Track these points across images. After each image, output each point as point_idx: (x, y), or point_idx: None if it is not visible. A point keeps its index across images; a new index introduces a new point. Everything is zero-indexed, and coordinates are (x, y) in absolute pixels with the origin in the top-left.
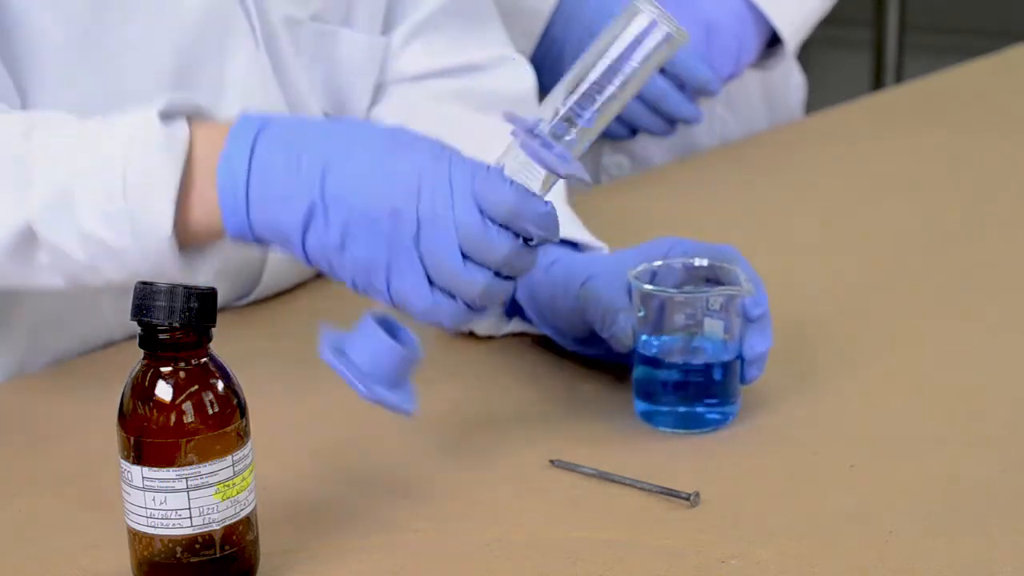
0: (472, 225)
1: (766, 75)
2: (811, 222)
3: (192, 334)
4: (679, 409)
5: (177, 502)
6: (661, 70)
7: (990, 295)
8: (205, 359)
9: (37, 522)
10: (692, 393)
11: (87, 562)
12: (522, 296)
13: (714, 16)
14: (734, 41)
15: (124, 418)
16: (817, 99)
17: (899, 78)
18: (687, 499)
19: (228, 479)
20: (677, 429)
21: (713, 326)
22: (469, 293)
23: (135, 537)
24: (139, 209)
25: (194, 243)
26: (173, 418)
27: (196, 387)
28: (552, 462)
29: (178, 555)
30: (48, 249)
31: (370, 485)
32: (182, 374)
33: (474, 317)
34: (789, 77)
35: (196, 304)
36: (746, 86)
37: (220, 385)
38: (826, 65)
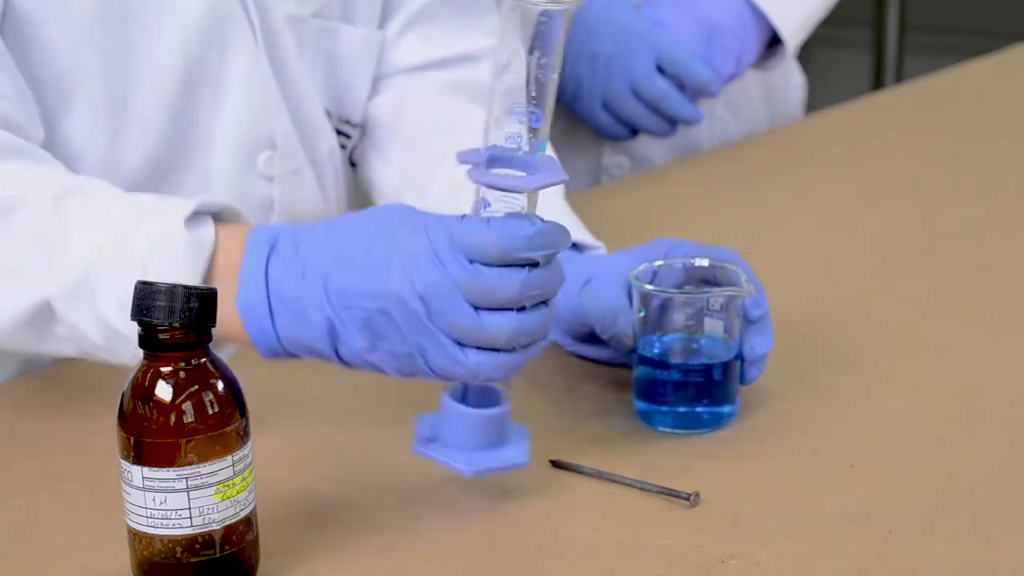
0: (469, 279)
1: (766, 75)
2: (811, 222)
3: (192, 334)
4: (679, 409)
5: (177, 502)
6: (661, 71)
7: (990, 295)
8: (205, 359)
9: (37, 522)
10: (692, 393)
11: (87, 562)
12: None
13: (715, 17)
14: (735, 42)
15: (124, 418)
16: (817, 99)
17: (899, 78)
18: (687, 499)
19: (228, 479)
20: (677, 429)
21: (713, 326)
22: (499, 341)
23: (135, 537)
24: None
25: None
26: (173, 418)
27: (196, 387)
28: (552, 462)
29: (178, 555)
30: (66, 325)
31: (370, 485)
32: (182, 374)
33: (523, 359)
34: (789, 77)
35: (196, 304)
36: (747, 86)
37: (220, 385)
38: (826, 65)
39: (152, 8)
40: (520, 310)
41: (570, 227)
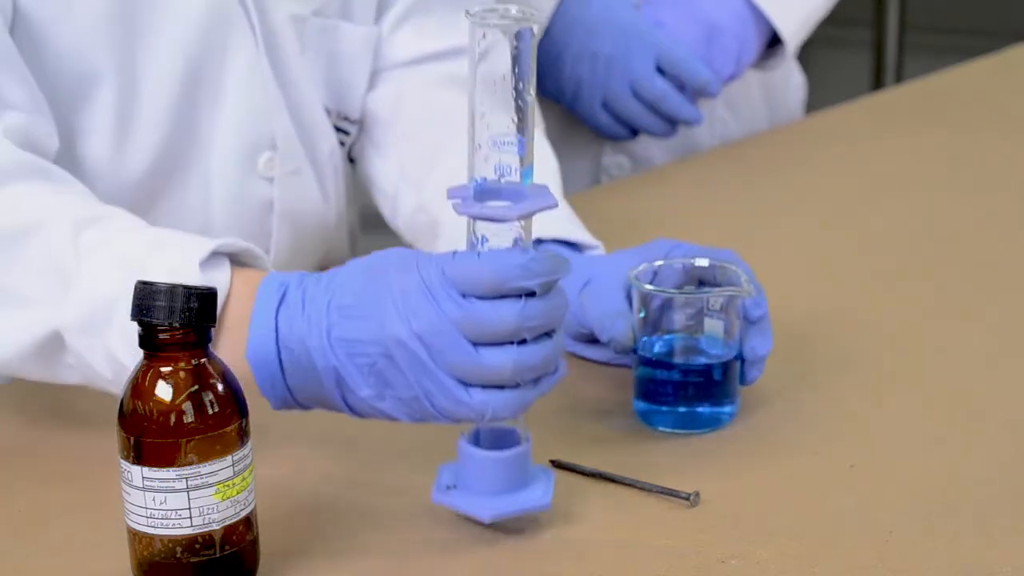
0: (464, 315)
1: (767, 75)
2: (811, 222)
3: (192, 334)
4: (679, 409)
5: (177, 502)
6: (661, 71)
7: (990, 295)
8: (205, 359)
9: (37, 522)
10: (692, 393)
11: (87, 562)
12: None
13: (715, 17)
14: (735, 42)
15: (124, 418)
16: (817, 99)
17: (899, 78)
18: (687, 499)
19: (228, 479)
20: (677, 429)
21: (713, 326)
22: (502, 377)
23: (135, 537)
24: None
25: None
26: (173, 418)
27: (196, 387)
28: (552, 462)
29: (178, 555)
30: (75, 356)
31: (370, 485)
32: (182, 374)
33: (531, 395)
34: (789, 77)
35: (196, 304)
36: (747, 86)
37: (220, 385)
38: (826, 65)
39: (154, 9)
40: (522, 343)
41: (568, 225)
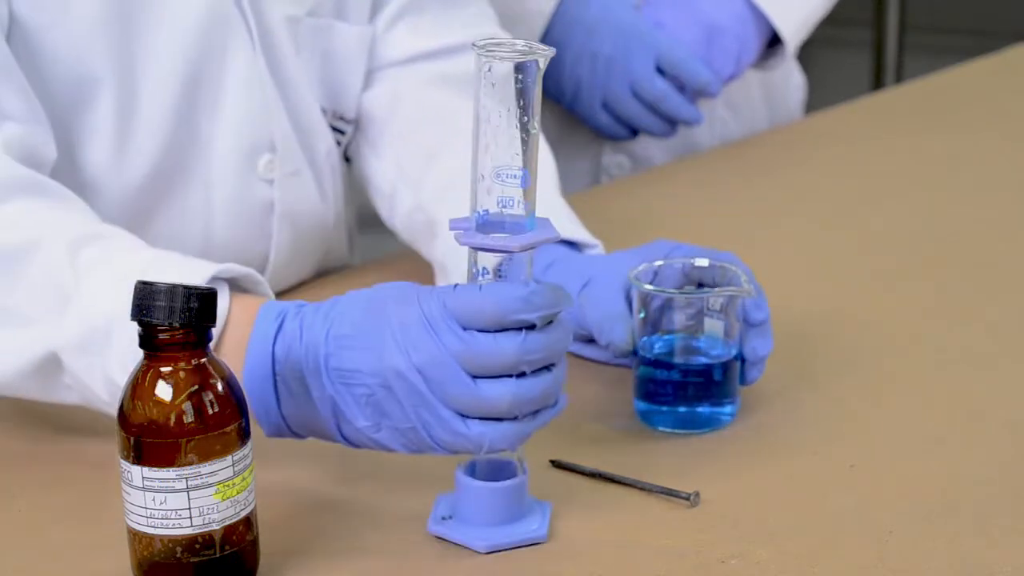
0: (464, 347)
1: (767, 75)
2: (811, 222)
3: (192, 334)
4: (679, 409)
5: (177, 502)
6: (661, 72)
7: (990, 295)
8: (205, 359)
9: (37, 522)
10: (692, 393)
11: (87, 562)
12: None
13: (715, 18)
14: (735, 42)
15: (124, 418)
16: (817, 99)
17: (899, 78)
18: (687, 499)
19: (228, 479)
20: (677, 429)
21: (713, 326)
22: (500, 410)
23: (135, 537)
24: None
25: None
26: (173, 418)
27: (196, 387)
28: (552, 462)
29: (178, 555)
30: (73, 377)
31: (371, 485)
32: (182, 374)
33: (530, 428)
34: (789, 77)
35: (196, 304)
36: (747, 86)
37: (220, 385)
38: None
39: (151, 11)
40: (521, 376)
41: (567, 224)
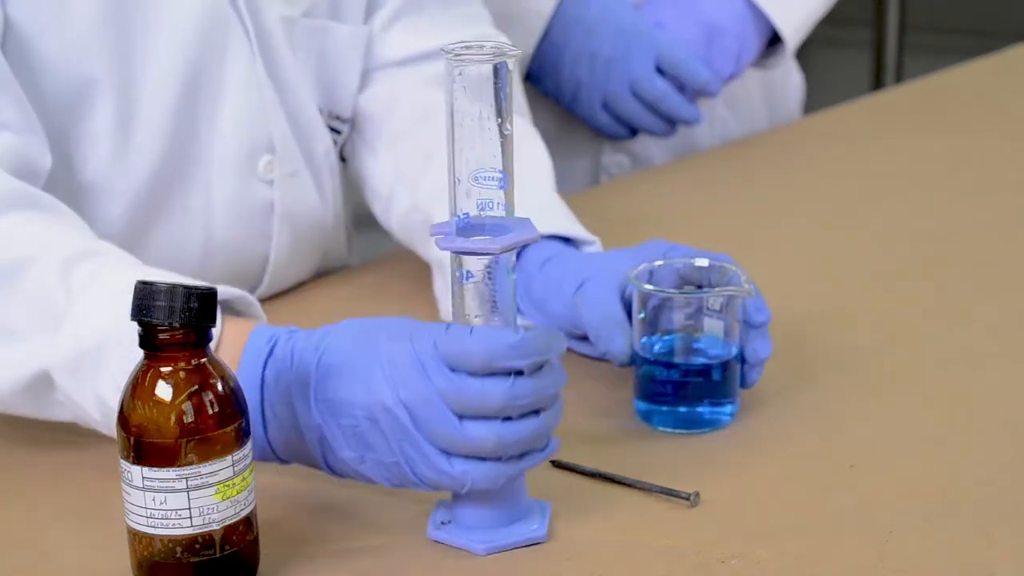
0: (452, 388)
1: (766, 74)
2: (811, 222)
3: (192, 334)
4: (679, 409)
5: (177, 502)
6: (661, 71)
7: (990, 295)
8: (205, 359)
9: (37, 522)
10: (692, 393)
11: (87, 562)
12: (517, 293)
13: (715, 17)
14: (735, 42)
15: (124, 418)
16: (817, 99)
17: (899, 78)
18: (687, 499)
19: (228, 479)
20: (677, 429)
21: (713, 326)
22: (483, 450)
23: (135, 537)
24: None
25: None
26: (173, 418)
27: (196, 387)
28: (552, 462)
29: (178, 555)
30: (64, 395)
31: (370, 485)
32: (182, 374)
33: (514, 469)
34: (788, 76)
35: (196, 304)
36: (746, 85)
37: (220, 385)
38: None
39: (149, 15)
40: (508, 419)
41: (563, 221)
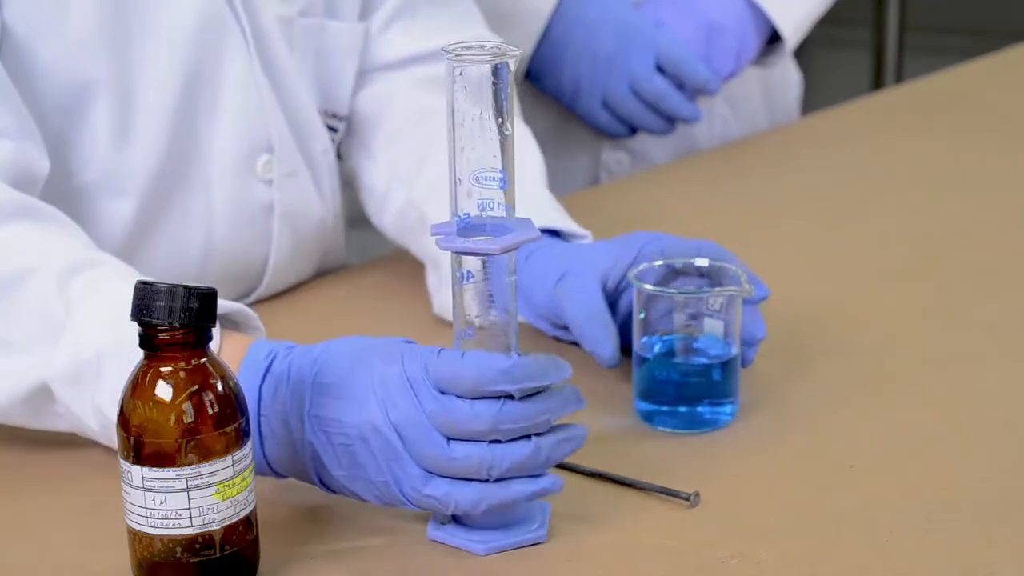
0: (440, 411)
1: (766, 72)
2: (810, 222)
3: (192, 334)
4: (679, 409)
5: (177, 502)
6: (661, 70)
7: (990, 295)
8: (205, 359)
9: (37, 522)
10: (692, 393)
11: (87, 562)
12: None
13: (715, 16)
14: (734, 40)
15: (124, 418)
16: (817, 99)
17: (899, 78)
18: (687, 499)
19: (228, 479)
20: (677, 429)
21: (713, 326)
22: (469, 472)
23: (135, 537)
24: None
25: None
26: (173, 418)
27: (196, 387)
28: None
29: (178, 555)
30: (63, 407)
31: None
32: (182, 374)
33: (502, 494)
34: (787, 74)
35: (196, 304)
36: (746, 84)
37: (220, 385)
38: (826, 65)
39: (147, 16)
40: (496, 442)
41: (553, 214)
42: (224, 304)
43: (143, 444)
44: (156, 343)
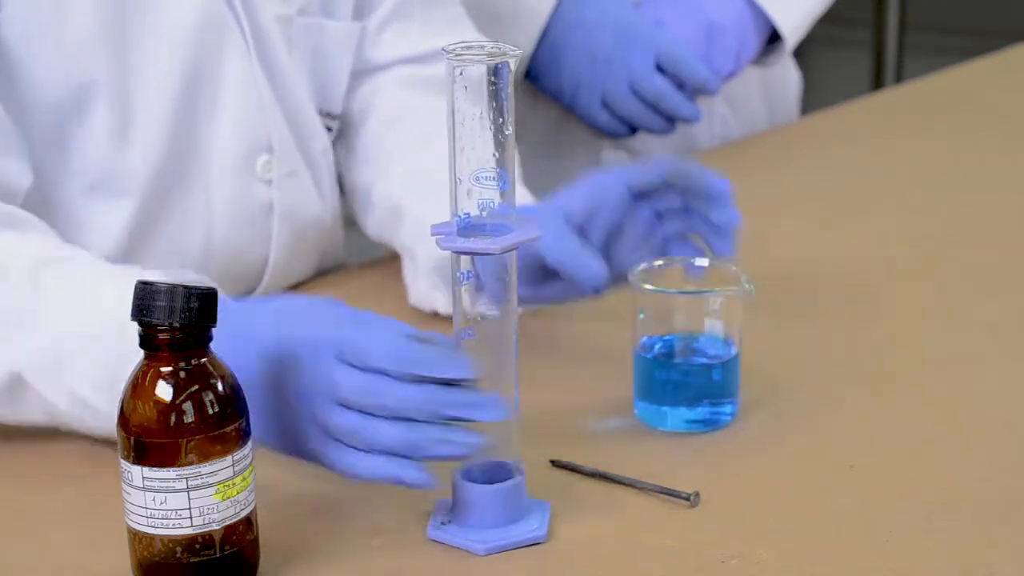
0: (329, 374)
1: (765, 72)
2: (810, 222)
3: (192, 334)
4: (679, 409)
5: (177, 502)
6: (661, 70)
7: (990, 295)
8: (205, 359)
9: (37, 522)
10: (692, 393)
11: (87, 562)
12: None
13: (715, 16)
14: (734, 40)
15: (124, 418)
16: (817, 99)
17: (899, 78)
18: (687, 499)
19: (228, 479)
20: (677, 429)
21: (713, 326)
22: (341, 436)
23: (135, 537)
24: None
25: None
26: (173, 418)
27: (196, 387)
28: (552, 462)
29: (178, 555)
30: (36, 395)
31: (370, 485)
32: (182, 374)
33: (402, 471)
34: (786, 74)
35: (196, 304)
36: (746, 83)
37: (220, 385)
38: (826, 65)
39: (147, 18)
40: (372, 416)
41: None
42: (192, 282)
43: (143, 444)
44: (156, 343)
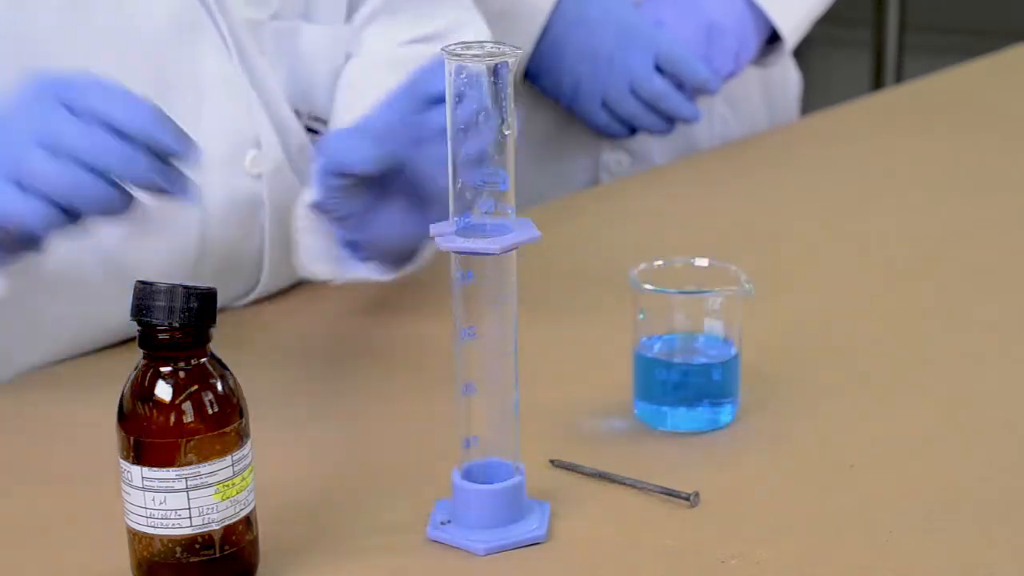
0: (26, 105)
1: (765, 72)
2: (810, 222)
3: (192, 334)
4: (679, 409)
5: (177, 502)
6: (660, 70)
7: (990, 295)
8: (205, 359)
9: (37, 522)
10: (692, 393)
11: (87, 562)
12: None
13: (715, 16)
14: (734, 40)
15: (124, 418)
16: (817, 99)
17: (899, 78)
18: (687, 499)
19: (228, 479)
20: (677, 429)
21: (713, 326)
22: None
23: (135, 537)
24: None
25: None
26: (173, 418)
27: (196, 387)
28: (552, 462)
29: (178, 555)
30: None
31: (370, 485)
32: (182, 374)
33: (65, 222)
34: (786, 74)
35: (196, 304)
36: (745, 83)
37: (220, 385)
38: (826, 65)
39: (113, 19)
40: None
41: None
42: None
43: (143, 444)
44: (156, 343)
